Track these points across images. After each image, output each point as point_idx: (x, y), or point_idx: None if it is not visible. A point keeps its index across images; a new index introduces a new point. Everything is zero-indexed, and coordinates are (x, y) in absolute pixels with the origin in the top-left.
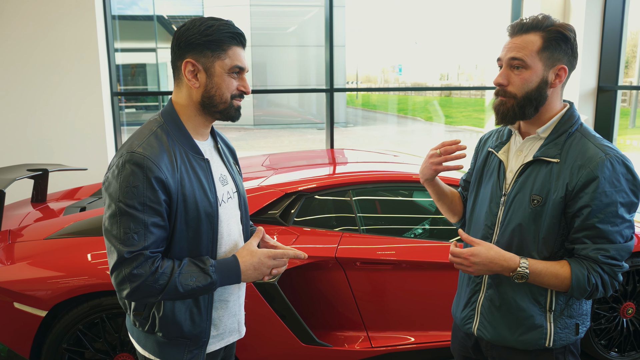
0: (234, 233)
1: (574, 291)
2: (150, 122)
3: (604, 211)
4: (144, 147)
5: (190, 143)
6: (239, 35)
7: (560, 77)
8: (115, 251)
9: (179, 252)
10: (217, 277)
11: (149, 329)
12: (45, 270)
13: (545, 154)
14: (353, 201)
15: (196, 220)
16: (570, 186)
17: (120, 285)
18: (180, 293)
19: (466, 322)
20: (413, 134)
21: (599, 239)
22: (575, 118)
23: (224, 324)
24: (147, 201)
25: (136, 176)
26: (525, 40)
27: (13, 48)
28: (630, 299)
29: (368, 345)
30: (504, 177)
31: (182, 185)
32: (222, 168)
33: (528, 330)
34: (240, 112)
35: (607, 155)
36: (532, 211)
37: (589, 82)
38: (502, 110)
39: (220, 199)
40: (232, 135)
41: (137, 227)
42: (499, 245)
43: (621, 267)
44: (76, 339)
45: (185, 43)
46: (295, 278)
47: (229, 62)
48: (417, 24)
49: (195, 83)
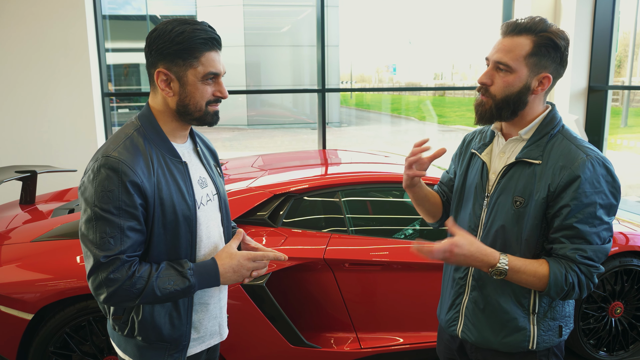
0: (213, 235)
1: (550, 290)
2: (127, 125)
3: (583, 211)
4: (119, 151)
5: (168, 146)
6: (211, 40)
7: (544, 85)
8: (92, 256)
9: (157, 255)
10: (195, 280)
11: (128, 333)
12: (32, 273)
13: (528, 156)
14: (342, 202)
15: (174, 223)
16: (552, 187)
17: (97, 290)
18: (158, 297)
19: (451, 324)
20: (407, 133)
21: (577, 239)
22: (557, 120)
23: (205, 327)
24: (122, 205)
25: (111, 180)
26: (515, 42)
27: (2, 49)
28: (618, 299)
29: (357, 347)
30: (487, 179)
31: (159, 188)
32: (202, 170)
33: (511, 333)
34: (217, 117)
35: (589, 157)
36: (514, 213)
37: (580, 81)
38: (481, 110)
39: (199, 201)
40: (226, 136)
41: (113, 232)
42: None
43: (597, 268)
44: (63, 342)
45: (156, 51)
46: (284, 279)
47: (202, 69)
48: (411, 23)
49: (169, 92)
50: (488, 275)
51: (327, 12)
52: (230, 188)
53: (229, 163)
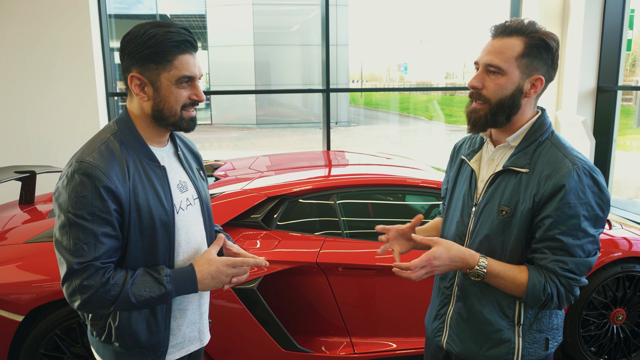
0: (194, 240)
1: (527, 298)
2: (104, 129)
3: (566, 223)
4: (93, 156)
5: (145, 150)
6: (184, 42)
7: (536, 87)
8: (65, 262)
9: (134, 261)
10: (171, 287)
11: (105, 339)
12: (23, 275)
13: (515, 164)
14: (337, 205)
15: (151, 228)
16: (537, 197)
17: (71, 297)
18: (134, 304)
19: (436, 334)
20: (415, 133)
21: (559, 251)
22: (546, 126)
23: (183, 333)
24: (96, 211)
25: (85, 186)
26: (506, 44)
27: (6, 48)
28: (620, 306)
29: (351, 351)
30: (475, 187)
31: (135, 193)
32: (182, 174)
33: (496, 345)
34: (194, 122)
35: (575, 166)
36: (500, 222)
37: (588, 82)
38: (474, 117)
39: (178, 206)
40: (234, 135)
41: (87, 238)
42: None
43: (578, 281)
44: (54, 344)
45: (129, 55)
46: (277, 283)
47: (176, 73)
48: (423, 22)
49: (143, 97)
50: (472, 285)
51: (337, 11)
52: (225, 190)
53: (226, 165)
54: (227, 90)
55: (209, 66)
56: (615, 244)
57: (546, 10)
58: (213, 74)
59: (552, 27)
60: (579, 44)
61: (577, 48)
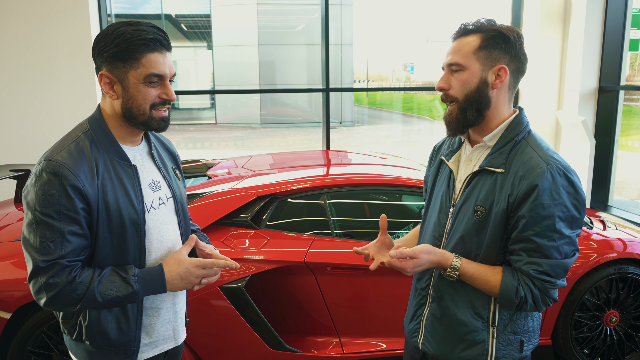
0: (167, 239)
1: (501, 300)
2: (76, 128)
3: (540, 224)
4: (62, 154)
5: (116, 149)
6: (153, 40)
7: (501, 77)
8: (31, 260)
9: (103, 259)
10: (139, 287)
11: (77, 337)
12: (11, 272)
13: (491, 164)
14: (327, 205)
15: (120, 227)
16: (511, 198)
17: (38, 294)
18: (100, 303)
19: (412, 335)
20: (419, 133)
21: (534, 253)
22: (523, 125)
23: (157, 332)
24: (63, 209)
25: (52, 184)
26: (463, 42)
27: (6, 47)
28: (614, 307)
29: (340, 351)
30: (454, 187)
31: (104, 192)
32: (155, 173)
33: (469, 346)
34: (165, 123)
35: (549, 166)
36: (475, 222)
37: (590, 82)
38: (449, 120)
39: (150, 205)
40: (238, 134)
41: (54, 236)
42: None
43: (553, 284)
44: (42, 342)
45: (99, 54)
46: (265, 282)
47: (143, 71)
48: (429, 22)
49: (112, 95)
50: (447, 286)
51: (341, 10)
52: (215, 189)
53: (220, 163)
54: (227, 90)
55: (214, 65)
56: (609, 245)
57: (547, 11)
58: (217, 73)
59: (554, 27)
60: (580, 43)
61: (579, 48)
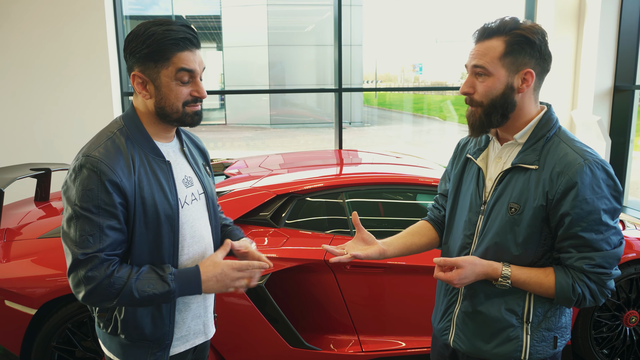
0: (199, 235)
1: (558, 300)
2: (111, 124)
3: (586, 219)
4: (99, 150)
5: (151, 145)
6: (183, 40)
7: (528, 81)
8: (71, 253)
9: (139, 254)
10: (175, 285)
11: (112, 331)
12: (36, 269)
13: (524, 161)
14: (345, 203)
15: (155, 222)
16: (550, 194)
17: (76, 287)
18: (137, 299)
19: (443, 333)
20: (429, 133)
21: (584, 248)
22: (553, 121)
23: (188, 326)
24: (101, 204)
25: (91, 179)
26: (487, 46)
27: (21, 48)
28: (634, 307)
29: (358, 349)
30: (484, 185)
31: (140, 187)
32: (187, 169)
33: (503, 342)
34: (199, 117)
35: (586, 161)
36: (509, 219)
37: (605, 81)
38: (472, 121)
39: (183, 200)
40: (248, 135)
41: (93, 230)
42: (476, 254)
43: (609, 275)
44: (66, 338)
45: (130, 55)
46: (285, 280)
47: (174, 68)
48: (438, 22)
49: (145, 95)
50: (479, 283)
51: (351, 11)
52: (234, 188)
53: (237, 163)
54: (237, 90)
55: (224, 66)
56: (629, 245)
57: (562, 9)
58: (227, 74)
59: (568, 26)
60: (595, 42)
61: (594, 47)
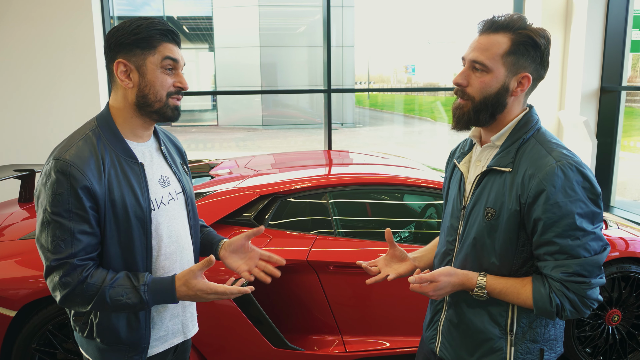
0: (177, 234)
1: (538, 311)
2: (84, 126)
3: (560, 224)
4: (70, 153)
5: (123, 147)
6: (169, 32)
7: (523, 85)
8: (44, 259)
9: (112, 256)
10: (148, 297)
11: (88, 335)
12: (15, 270)
13: (498, 163)
14: (329, 204)
15: (126, 224)
16: (522, 198)
17: (54, 291)
18: (110, 306)
19: (430, 341)
20: (420, 134)
21: (560, 255)
22: (532, 122)
23: (166, 326)
24: (72, 208)
25: (61, 184)
26: (492, 40)
27: (9, 49)
28: (616, 306)
29: (342, 350)
30: (464, 190)
31: (110, 190)
32: (165, 169)
33: (487, 354)
34: (178, 112)
35: (559, 163)
36: (486, 225)
37: (592, 82)
38: (458, 114)
39: (159, 201)
40: (240, 135)
41: (64, 235)
42: (457, 261)
43: (589, 284)
44: (46, 340)
45: (116, 44)
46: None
47: (160, 55)
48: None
49: (128, 83)
50: (463, 292)
51: (343, 12)
52: (218, 188)
53: (222, 163)
54: (229, 91)
55: (216, 67)
56: (611, 244)
57: (549, 10)
58: (219, 75)
59: (555, 27)
60: (582, 44)
61: (581, 48)
